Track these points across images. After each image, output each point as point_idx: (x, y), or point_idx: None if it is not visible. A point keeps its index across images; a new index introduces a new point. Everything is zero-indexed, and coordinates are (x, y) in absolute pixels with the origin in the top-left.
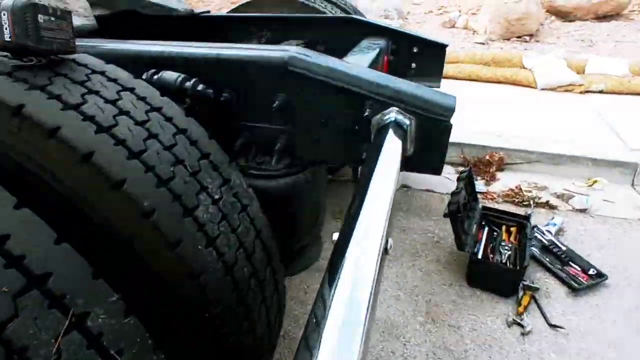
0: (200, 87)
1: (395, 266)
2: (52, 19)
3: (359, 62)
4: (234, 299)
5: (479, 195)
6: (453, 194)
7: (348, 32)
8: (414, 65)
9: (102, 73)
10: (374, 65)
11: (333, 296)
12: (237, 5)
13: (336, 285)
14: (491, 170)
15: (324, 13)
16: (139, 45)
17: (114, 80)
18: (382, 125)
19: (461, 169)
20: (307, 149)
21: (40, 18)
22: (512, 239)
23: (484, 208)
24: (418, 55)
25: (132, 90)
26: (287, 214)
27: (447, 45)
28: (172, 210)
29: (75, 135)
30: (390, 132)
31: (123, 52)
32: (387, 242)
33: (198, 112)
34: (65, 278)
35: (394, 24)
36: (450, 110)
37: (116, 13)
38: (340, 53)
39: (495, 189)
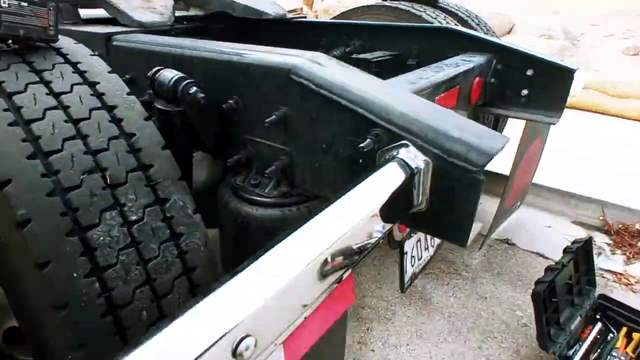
0: (192, 90)
1: (455, 341)
2: (23, 4)
3: (419, 80)
4: (115, 347)
5: (609, 277)
6: (548, 269)
7: (445, 44)
8: (525, 92)
9: (75, 64)
10: (449, 84)
11: None
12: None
13: None
14: (639, 244)
15: (432, 24)
16: (170, 41)
17: (82, 73)
18: (385, 163)
19: (598, 235)
20: (306, 179)
21: (4, 2)
22: (630, 348)
23: (603, 297)
24: (533, 80)
25: (93, 84)
26: None
27: (574, 70)
28: (53, 225)
29: None
30: (387, 172)
31: (153, 48)
32: (239, 342)
33: (190, 117)
34: None
35: (555, 45)
36: (483, 158)
37: (209, 14)
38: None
39: (637, 272)
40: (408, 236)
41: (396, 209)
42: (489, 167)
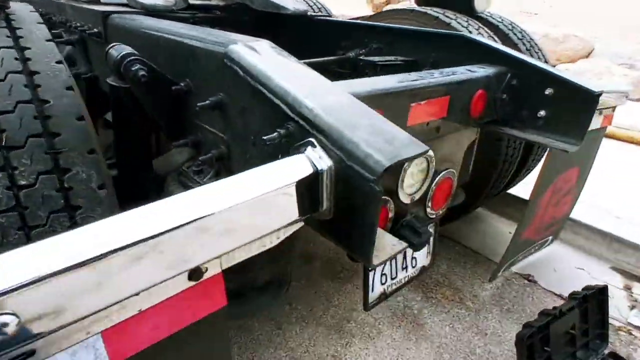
0: (134, 67)
1: None
2: None
3: (395, 82)
4: None
5: (637, 334)
6: (542, 313)
7: (461, 52)
8: (542, 113)
9: (14, 29)
10: (435, 92)
11: None
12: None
13: None
14: None
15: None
16: (148, 23)
17: (17, 38)
18: None
19: (638, 286)
20: (241, 170)
21: None
22: None
23: (613, 355)
24: (552, 100)
25: (23, 49)
26: None
27: (599, 94)
28: None
29: None
30: (285, 164)
31: (135, 29)
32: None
33: (137, 94)
34: None
35: (634, 75)
36: (379, 166)
37: (230, 5)
38: None
39: None
40: None
41: (302, 209)
42: (518, 193)
